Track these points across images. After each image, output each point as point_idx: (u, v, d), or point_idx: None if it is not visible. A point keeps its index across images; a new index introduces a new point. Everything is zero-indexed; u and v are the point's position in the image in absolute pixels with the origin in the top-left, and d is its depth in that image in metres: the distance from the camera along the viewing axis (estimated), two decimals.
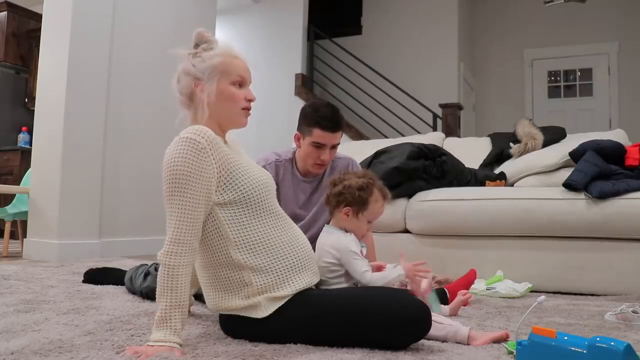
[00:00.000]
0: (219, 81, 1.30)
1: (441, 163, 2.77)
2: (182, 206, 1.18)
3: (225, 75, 1.31)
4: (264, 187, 1.30)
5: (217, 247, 1.26)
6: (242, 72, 1.34)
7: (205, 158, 1.20)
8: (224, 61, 1.31)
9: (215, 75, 1.30)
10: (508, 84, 6.79)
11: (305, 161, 1.98)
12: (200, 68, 1.30)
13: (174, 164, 1.19)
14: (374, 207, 1.50)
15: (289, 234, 1.32)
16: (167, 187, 1.20)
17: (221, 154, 1.24)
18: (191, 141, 1.20)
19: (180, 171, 1.18)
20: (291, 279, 1.27)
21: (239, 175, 1.26)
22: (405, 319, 1.21)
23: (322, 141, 1.89)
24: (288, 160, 2.05)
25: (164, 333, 1.15)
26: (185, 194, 1.18)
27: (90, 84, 3.48)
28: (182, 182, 1.18)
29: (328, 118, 1.88)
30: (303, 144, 1.95)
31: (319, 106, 1.92)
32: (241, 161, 1.30)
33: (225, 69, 1.31)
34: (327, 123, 1.87)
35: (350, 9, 6.89)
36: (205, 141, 1.21)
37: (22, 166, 5.05)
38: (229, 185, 1.25)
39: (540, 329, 1.01)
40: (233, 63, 1.33)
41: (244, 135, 1.40)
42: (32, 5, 5.93)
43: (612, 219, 2.27)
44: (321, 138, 1.88)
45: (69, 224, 3.33)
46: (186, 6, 4.36)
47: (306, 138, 1.92)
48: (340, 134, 1.93)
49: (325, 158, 1.93)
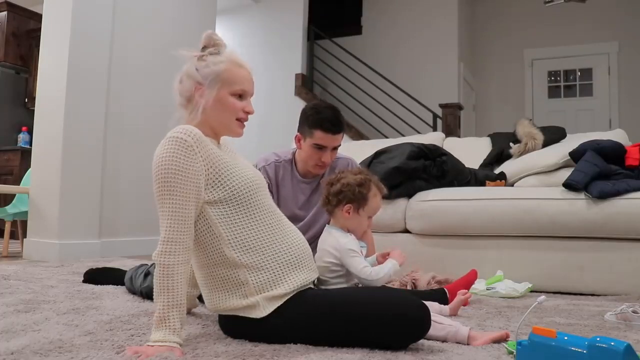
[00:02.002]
0: (220, 89, 1.29)
1: (441, 163, 2.77)
2: (172, 205, 1.19)
3: (227, 84, 1.30)
4: (254, 185, 1.29)
5: (210, 246, 1.26)
6: (245, 85, 1.32)
7: (192, 156, 1.20)
8: (228, 69, 1.30)
9: (217, 83, 1.29)
10: (508, 84, 6.79)
11: (306, 162, 1.98)
12: (204, 73, 1.29)
13: (163, 163, 1.20)
14: (373, 202, 1.52)
15: (283, 231, 1.32)
16: (157, 187, 1.20)
17: (208, 152, 1.24)
18: (178, 140, 1.20)
19: (169, 170, 1.19)
20: (287, 276, 1.27)
21: (227, 173, 1.26)
22: (405, 319, 1.21)
23: (323, 143, 1.89)
24: (287, 161, 2.05)
25: (163, 333, 1.15)
26: (175, 193, 1.19)
27: (90, 84, 3.48)
28: (172, 181, 1.19)
29: (330, 120, 1.87)
30: (304, 146, 1.95)
31: (321, 108, 1.92)
32: (230, 160, 1.29)
33: (229, 78, 1.30)
34: (329, 125, 1.87)
35: (350, 9, 6.89)
36: (192, 139, 1.21)
37: (22, 166, 5.05)
38: (217, 183, 1.25)
39: (540, 329, 1.01)
40: (237, 73, 1.31)
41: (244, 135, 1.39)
42: (32, 5, 5.93)
43: (612, 219, 2.27)
44: (323, 140, 1.88)
45: (69, 224, 3.33)
46: (186, 6, 4.36)
47: (307, 140, 1.92)
48: (341, 136, 1.93)
49: (327, 160, 1.94)
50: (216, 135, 1.35)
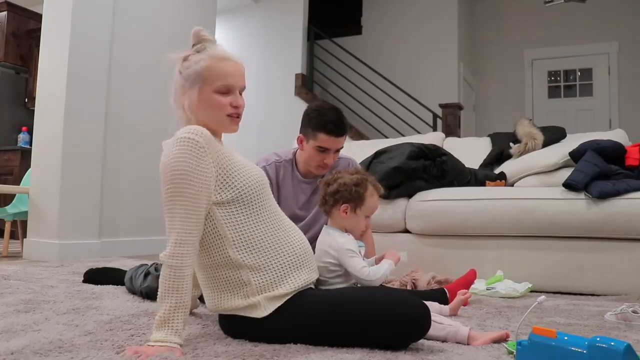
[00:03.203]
0: (201, 90, 1.26)
1: (441, 163, 2.77)
2: (185, 207, 1.17)
3: (209, 82, 1.26)
4: (260, 185, 1.29)
5: (215, 247, 1.25)
6: (228, 79, 1.27)
7: (204, 157, 1.19)
8: (208, 66, 1.26)
9: (198, 82, 1.26)
10: (508, 84, 6.79)
11: (308, 163, 1.97)
12: (186, 74, 1.28)
13: (174, 164, 1.18)
14: (370, 202, 1.52)
15: (285, 231, 1.32)
16: (168, 188, 1.18)
17: (218, 153, 1.23)
18: (190, 141, 1.19)
19: (181, 171, 1.17)
20: (289, 276, 1.27)
21: (235, 173, 1.25)
22: (405, 319, 1.21)
23: (327, 145, 1.88)
24: (288, 161, 2.05)
25: (164, 333, 1.15)
26: (187, 195, 1.17)
27: (90, 84, 3.48)
28: (184, 182, 1.17)
29: (334, 122, 1.86)
30: (306, 147, 1.94)
31: (324, 110, 1.91)
32: (237, 160, 1.29)
33: (209, 76, 1.26)
34: (333, 128, 1.86)
35: (350, 9, 6.89)
36: (203, 140, 1.20)
37: (22, 166, 5.05)
38: (226, 184, 1.24)
39: (540, 329, 1.01)
40: (219, 68, 1.26)
41: (244, 135, 1.40)
42: (32, 5, 5.93)
43: (612, 219, 2.27)
44: (326, 142, 1.88)
45: (69, 224, 3.33)
46: (186, 6, 4.36)
47: (310, 141, 1.91)
48: (344, 138, 1.93)
49: (329, 161, 1.93)
50: (216, 134, 1.35)
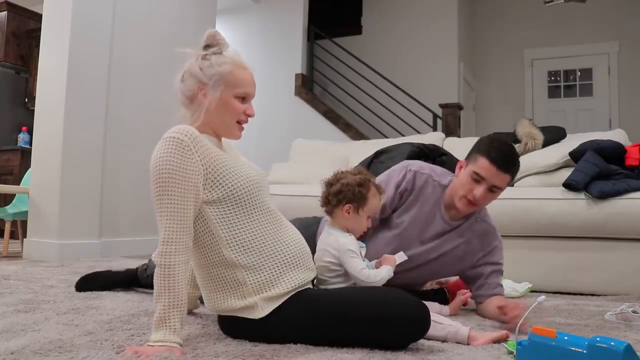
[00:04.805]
0: (223, 91, 1.29)
1: (441, 163, 2.77)
2: (171, 205, 1.18)
3: (231, 86, 1.30)
4: (254, 185, 1.29)
5: (209, 246, 1.26)
6: (247, 88, 1.32)
7: (189, 155, 1.20)
8: (232, 71, 1.30)
9: (221, 84, 1.29)
10: (508, 84, 6.79)
11: (456, 191, 1.71)
12: (208, 73, 1.29)
13: (160, 163, 1.19)
14: (373, 202, 1.52)
15: (281, 230, 1.32)
16: (155, 188, 1.20)
17: (206, 152, 1.23)
18: (174, 140, 1.20)
19: (167, 170, 1.18)
20: (285, 276, 1.26)
21: (226, 172, 1.25)
22: (405, 318, 1.21)
23: (483, 174, 1.62)
24: (441, 186, 1.80)
25: (163, 333, 1.15)
26: (173, 193, 1.18)
27: (90, 84, 3.48)
28: (169, 181, 1.18)
29: (501, 151, 1.64)
30: (462, 173, 1.70)
31: (500, 141, 1.70)
32: (229, 159, 1.29)
33: (232, 81, 1.29)
34: (498, 156, 1.62)
35: (350, 9, 6.89)
36: (189, 139, 1.20)
37: (22, 166, 5.05)
38: (216, 183, 1.24)
39: (540, 329, 1.01)
40: (241, 75, 1.31)
41: (243, 134, 1.39)
42: (32, 5, 5.93)
43: (612, 219, 2.27)
44: (484, 170, 1.62)
45: (69, 224, 3.33)
46: (186, 6, 4.35)
47: (469, 166, 1.68)
48: (506, 178, 1.64)
49: (479, 196, 1.64)
50: (217, 136, 1.35)
